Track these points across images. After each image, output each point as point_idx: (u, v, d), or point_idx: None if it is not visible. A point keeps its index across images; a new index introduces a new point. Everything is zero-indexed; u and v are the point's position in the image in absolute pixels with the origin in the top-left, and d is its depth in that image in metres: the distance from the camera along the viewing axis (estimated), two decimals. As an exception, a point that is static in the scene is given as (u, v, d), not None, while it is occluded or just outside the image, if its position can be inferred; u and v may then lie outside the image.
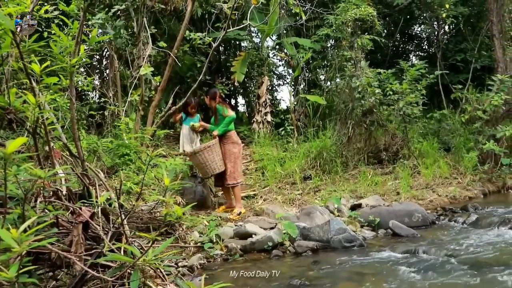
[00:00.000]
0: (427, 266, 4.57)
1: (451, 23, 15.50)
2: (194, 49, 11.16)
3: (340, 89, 10.42)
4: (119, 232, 3.42)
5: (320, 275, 4.50)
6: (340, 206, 7.12)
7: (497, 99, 9.96)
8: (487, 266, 4.44)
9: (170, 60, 8.66)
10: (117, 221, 3.44)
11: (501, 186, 9.80)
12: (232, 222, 6.49)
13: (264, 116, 11.19)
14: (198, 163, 7.01)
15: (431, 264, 4.67)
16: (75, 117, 3.63)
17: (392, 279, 4.24)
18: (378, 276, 4.39)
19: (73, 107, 3.64)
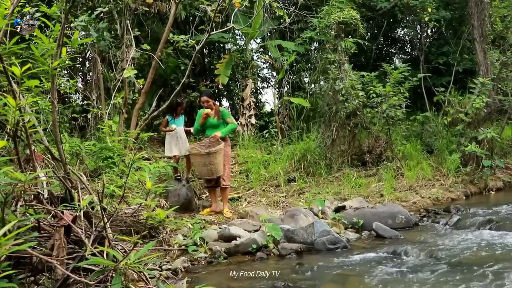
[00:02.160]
0: (410, 267, 4.62)
1: (434, 27, 15.70)
2: (178, 52, 11.11)
3: (324, 91, 10.47)
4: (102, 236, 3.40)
5: (304, 277, 4.52)
6: (324, 208, 7.15)
7: (479, 101, 10.10)
8: (468, 266, 4.50)
9: (154, 62, 8.63)
10: (99, 224, 3.42)
11: (483, 188, 9.94)
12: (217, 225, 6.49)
13: (248, 119, 11.18)
14: (207, 163, 6.87)
15: (414, 265, 4.72)
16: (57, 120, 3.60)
17: (375, 280, 4.27)
18: (361, 277, 4.42)
19: (55, 109, 3.61)
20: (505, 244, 5.36)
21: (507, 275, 4.09)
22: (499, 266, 4.40)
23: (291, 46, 11.72)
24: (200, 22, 11.43)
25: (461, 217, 7.01)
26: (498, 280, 3.98)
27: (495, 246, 5.31)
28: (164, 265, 5.06)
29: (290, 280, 4.37)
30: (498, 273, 4.20)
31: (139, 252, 2.56)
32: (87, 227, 3.60)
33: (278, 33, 13.00)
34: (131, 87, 9.06)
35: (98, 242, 3.35)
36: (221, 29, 9.22)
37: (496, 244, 5.40)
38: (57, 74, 7.04)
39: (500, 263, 4.48)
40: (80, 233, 3.01)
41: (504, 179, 10.48)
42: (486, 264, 4.52)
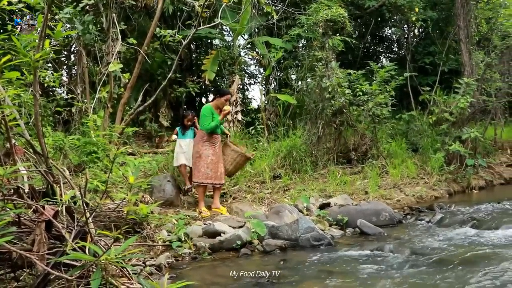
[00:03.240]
0: (393, 264, 4.65)
1: (421, 27, 15.83)
2: (164, 47, 11.04)
3: (310, 89, 10.48)
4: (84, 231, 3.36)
5: (287, 273, 4.51)
6: (309, 205, 7.16)
7: (463, 101, 10.21)
8: (450, 264, 4.54)
9: (140, 57, 8.56)
10: (81, 219, 3.38)
11: (466, 186, 10.06)
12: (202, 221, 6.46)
13: (235, 115, 11.15)
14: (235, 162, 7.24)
15: (397, 261, 4.75)
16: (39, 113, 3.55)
17: (359, 276, 4.29)
18: (345, 274, 4.43)
19: (37, 102, 3.56)
20: (486, 241, 5.43)
21: (487, 272, 4.14)
22: (479, 263, 4.45)
23: (279, 43, 11.71)
24: (188, 17, 11.36)
25: (444, 215, 7.09)
26: (478, 277, 4.02)
27: (476, 243, 5.38)
28: (148, 261, 5.02)
29: (274, 276, 4.37)
30: (478, 270, 4.25)
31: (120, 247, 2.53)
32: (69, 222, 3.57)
33: (265, 30, 12.99)
34: (116, 81, 8.97)
35: (80, 238, 3.31)
36: (208, 25, 9.17)
37: (477, 241, 5.47)
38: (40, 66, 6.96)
39: (480, 261, 4.54)
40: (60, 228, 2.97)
41: (486, 178, 10.62)
42: (467, 261, 4.57)
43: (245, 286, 4.18)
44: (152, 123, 11.19)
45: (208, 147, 6.83)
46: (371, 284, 4.03)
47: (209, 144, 6.84)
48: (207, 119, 6.78)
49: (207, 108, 6.90)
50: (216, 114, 6.87)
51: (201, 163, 6.81)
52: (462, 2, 12.36)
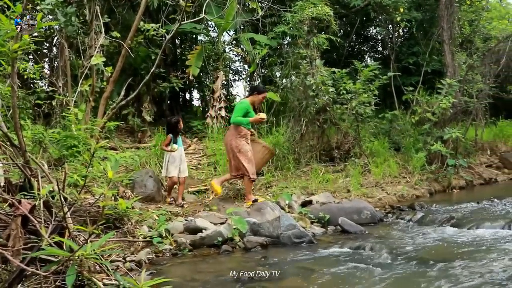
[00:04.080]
0: (373, 262, 4.67)
1: (405, 27, 15.94)
2: (148, 41, 10.93)
3: (294, 86, 10.49)
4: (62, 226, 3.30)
5: (268, 271, 4.50)
6: (291, 203, 7.17)
7: (446, 102, 10.32)
8: (429, 262, 4.58)
9: (124, 51, 8.45)
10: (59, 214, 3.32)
11: (447, 186, 10.18)
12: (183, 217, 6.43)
13: (218, 111, 11.11)
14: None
15: (377, 259, 4.77)
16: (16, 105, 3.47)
17: (339, 274, 4.30)
18: (325, 271, 4.44)
19: (15, 94, 3.48)
20: (465, 240, 5.49)
21: (465, 271, 4.18)
22: (458, 262, 4.49)
23: (264, 39, 11.68)
24: (173, 11, 11.26)
25: (425, 214, 7.16)
26: (456, 275, 4.06)
27: (455, 242, 5.44)
28: (128, 256, 4.98)
29: (254, 273, 4.35)
30: (457, 268, 4.29)
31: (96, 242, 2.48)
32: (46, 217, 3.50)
33: (251, 26, 12.95)
34: (99, 75, 8.86)
35: (59, 233, 3.25)
36: (193, 19, 9.10)
37: (456, 240, 5.53)
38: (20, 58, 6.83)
39: (459, 259, 4.58)
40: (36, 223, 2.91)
41: (467, 178, 10.75)
42: (446, 259, 4.61)
43: (225, 283, 4.16)
44: (135, 118, 11.08)
45: (245, 142, 6.94)
46: (351, 282, 4.04)
47: (245, 140, 6.95)
48: (240, 112, 6.87)
49: (245, 103, 6.99)
50: (251, 109, 6.95)
51: (242, 158, 6.91)
52: (446, 3, 12.47)
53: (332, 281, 4.14)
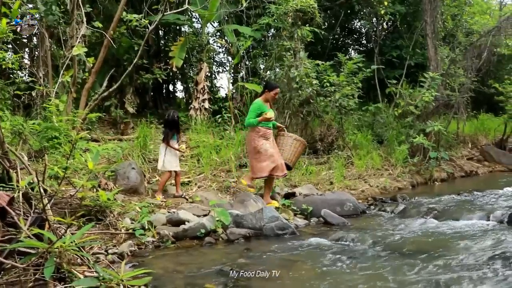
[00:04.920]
0: (355, 253, 4.71)
1: (389, 20, 16.04)
2: (131, 32, 10.81)
3: (278, 78, 10.48)
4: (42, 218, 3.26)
5: (251, 262, 4.51)
6: (274, 194, 7.18)
7: (428, 95, 10.42)
8: (410, 253, 4.63)
9: (106, 41, 8.34)
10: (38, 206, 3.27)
11: (428, 178, 10.30)
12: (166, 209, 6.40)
13: (201, 103, 11.05)
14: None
15: (359, 251, 4.81)
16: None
17: (322, 265, 4.32)
18: (308, 263, 4.46)
19: (-7, 83, 3.41)
20: (445, 231, 5.56)
21: (446, 261, 4.23)
22: (439, 252, 4.54)
23: (248, 31, 11.63)
24: (156, 1, 11.14)
25: (407, 206, 7.22)
26: (437, 265, 4.10)
27: (436, 233, 5.50)
28: (111, 249, 4.94)
29: (237, 265, 4.35)
30: (437, 258, 4.34)
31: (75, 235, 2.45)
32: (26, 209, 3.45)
33: (235, 18, 12.89)
34: (81, 65, 8.72)
35: (38, 225, 3.20)
36: (176, 10, 9.00)
37: (437, 231, 5.60)
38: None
39: (440, 249, 4.63)
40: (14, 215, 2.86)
41: (448, 171, 10.89)
42: (427, 250, 4.66)
43: (208, 275, 4.15)
44: (118, 109, 10.96)
45: (264, 141, 6.77)
46: (333, 273, 4.06)
47: (264, 139, 6.78)
48: (252, 114, 6.74)
49: (257, 103, 6.84)
50: (265, 108, 6.79)
51: (262, 157, 6.74)
52: (430, -3, 12.56)
53: (314, 272, 4.16)
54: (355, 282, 3.82)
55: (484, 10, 18.30)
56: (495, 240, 4.87)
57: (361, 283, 3.79)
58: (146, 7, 9.64)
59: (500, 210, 6.24)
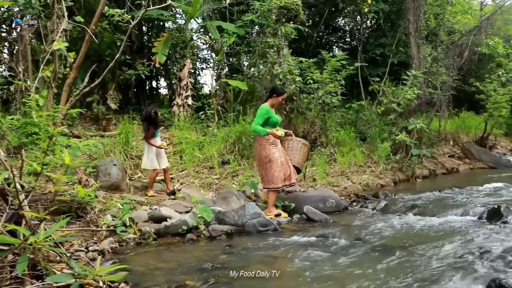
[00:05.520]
0: (337, 250, 4.72)
1: (373, 18, 16.10)
2: (114, 27, 10.68)
3: (261, 75, 10.47)
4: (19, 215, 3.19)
5: (232, 259, 4.49)
6: (257, 191, 7.18)
7: (411, 93, 10.51)
8: (392, 249, 4.65)
9: (87, 36, 8.23)
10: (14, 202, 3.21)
11: (410, 175, 10.40)
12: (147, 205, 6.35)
13: (185, 99, 10.97)
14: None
15: (341, 247, 4.82)
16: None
17: (303, 262, 4.32)
18: (290, 259, 4.45)
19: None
20: (426, 227, 5.61)
21: (426, 256, 4.27)
22: (419, 248, 4.58)
23: (231, 28, 11.58)
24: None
25: (389, 202, 7.29)
26: (417, 261, 4.14)
27: (417, 229, 5.55)
28: (91, 246, 4.88)
29: (218, 262, 4.33)
30: (418, 254, 4.38)
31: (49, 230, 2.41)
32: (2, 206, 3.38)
33: (218, 14, 12.83)
34: (62, 60, 8.60)
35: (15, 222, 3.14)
36: (159, 5, 8.92)
37: (418, 227, 5.64)
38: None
39: (421, 245, 4.67)
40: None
41: (430, 168, 11.01)
42: (408, 246, 4.70)
43: (189, 271, 4.12)
44: (100, 105, 10.83)
45: (274, 149, 6.51)
46: (315, 270, 4.06)
47: (274, 147, 6.53)
48: (260, 119, 6.46)
49: (264, 108, 6.53)
50: (272, 113, 6.59)
51: (273, 167, 6.46)
52: (413, -4, 12.66)
53: (296, 268, 4.16)
54: (336, 278, 3.83)
55: (466, 10, 18.52)
56: (474, 236, 4.95)
57: (343, 278, 3.80)
58: (128, 2, 9.53)
59: (480, 206, 6.33)
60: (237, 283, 3.79)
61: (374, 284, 3.63)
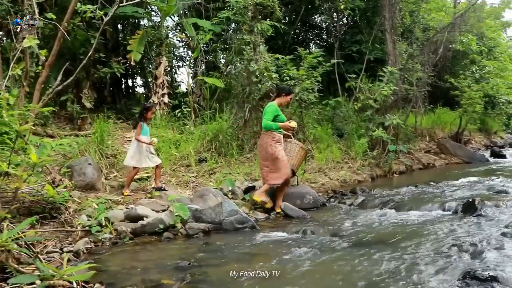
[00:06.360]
0: (314, 245, 4.71)
1: (349, 15, 16.22)
2: (88, 24, 10.50)
3: (238, 72, 10.43)
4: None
5: (209, 256, 4.45)
6: (234, 189, 7.14)
7: (387, 89, 10.60)
8: (369, 243, 4.68)
9: (60, 33, 8.03)
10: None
11: (387, 171, 10.49)
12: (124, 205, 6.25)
13: (161, 98, 10.87)
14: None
15: (318, 243, 4.82)
16: None
17: (280, 258, 4.30)
18: (267, 256, 4.44)
19: None
20: (402, 222, 5.67)
21: (403, 250, 4.30)
22: (396, 242, 4.62)
23: (207, 25, 11.51)
24: (113, -7, 10.85)
25: (366, 198, 7.33)
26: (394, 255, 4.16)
27: (394, 224, 5.60)
28: (66, 247, 4.78)
29: (195, 260, 4.29)
30: (394, 248, 4.41)
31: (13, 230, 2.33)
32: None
33: (194, 12, 12.74)
34: (33, 58, 8.41)
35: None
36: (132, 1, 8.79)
37: (394, 222, 5.70)
38: None
39: (397, 239, 4.71)
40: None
41: (406, 163, 11.12)
42: (385, 240, 4.74)
43: (165, 270, 4.07)
44: (74, 104, 10.64)
45: (280, 147, 6.56)
46: (292, 266, 4.05)
47: (279, 144, 6.58)
48: (270, 115, 6.50)
49: (273, 106, 6.58)
50: (280, 111, 6.61)
51: (279, 163, 6.50)
52: (388, -7, 12.77)
53: (273, 265, 4.13)
54: (313, 273, 3.82)
55: (440, 7, 18.78)
56: (449, 229, 5.01)
57: (319, 274, 3.80)
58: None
59: (455, 201, 6.41)
60: (214, 281, 3.76)
61: (351, 278, 3.64)
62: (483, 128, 19.66)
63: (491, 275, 3.28)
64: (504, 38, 24.31)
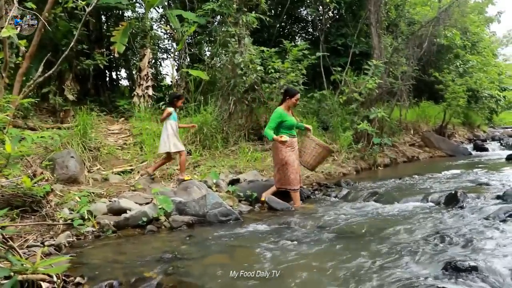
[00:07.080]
0: (299, 237, 4.70)
1: (334, 9, 16.20)
2: (70, 15, 10.33)
3: (223, 65, 10.37)
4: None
5: (193, 249, 4.42)
6: (218, 181, 7.11)
7: (372, 83, 10.63)
8: (352, 235, 4.69)
9: (40, 24, 7.88)
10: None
11: (372, 164, 10.54)
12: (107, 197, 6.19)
13: (145, 90, 10.76)
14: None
15: (303, 235, 4.81)
16: None
17: (264, 251, 4.28)
18: (250, 248, 4.41)
19: None
20: (386, 214, 5.69)
21: (387, 242, 4.31)
22: (380, 234, 4.63)
23: (192, 17, 11.41)
24: (96, -17, 10.68)
25: (350, 190, 7.35)
26: (378, 246, 4.17)
27: (378, 216, 5.62)
28: (47, 241, 4.71)
29: (179, 252, 4.25)
30: (379, 239, 4.42)
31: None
32: None
33: (179, 3, 12.61)
34: (13, 49, 8.25)
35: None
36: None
37: (378, 214, 5.72)
38: None
39: (381, 231, 4.72)
40: None
41: (391, 156, 11.19)
42: (369, 232, 4.74)
43: (148, 263, 4.02)
44: (57, 96, 10.48)
45: (291, 152, 6.48)
46: (276, 258, 4.03)
47: (291, 149, 6.49)
48: (273, 123, 6.43)
49: (278, 112, 6.49)
50: (286, 116, 6.50)
51: (290, 169, 6.45)
52: (373, -13, 12.77)
53: (257, 257, 4.11)
54: (297, 265, 3.80)
55: (425, 1, 18.87)
56: (432, 221, 5.04)
57: (303, 266, 3.79)
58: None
59: (438, 193, 6.45)
60: (196, 273, 3.72)
61: (335, 269, 3.63)
62: (467, 122, 19.86)
63: (471, 265, 3.31)
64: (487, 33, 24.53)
